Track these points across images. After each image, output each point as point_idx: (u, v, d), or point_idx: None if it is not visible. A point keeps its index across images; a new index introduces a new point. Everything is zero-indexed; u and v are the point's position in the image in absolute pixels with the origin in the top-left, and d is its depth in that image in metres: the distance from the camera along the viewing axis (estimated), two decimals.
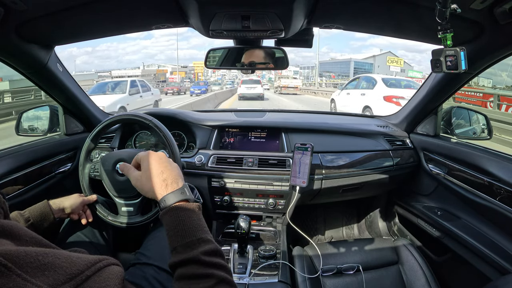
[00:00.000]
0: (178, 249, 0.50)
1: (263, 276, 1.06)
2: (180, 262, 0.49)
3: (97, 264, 0.33)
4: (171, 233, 0.52)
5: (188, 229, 0.51)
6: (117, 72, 43.99)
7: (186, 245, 0.50)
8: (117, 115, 1.06)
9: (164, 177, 0.58)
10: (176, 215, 0.53)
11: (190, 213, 0.53)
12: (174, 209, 0.54)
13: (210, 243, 0.51)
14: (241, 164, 1.32)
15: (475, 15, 0.74)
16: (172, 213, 0.53)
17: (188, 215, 0.53)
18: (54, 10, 0.77)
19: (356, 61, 52.43)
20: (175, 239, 0.51)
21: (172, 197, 0.55)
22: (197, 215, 0.54)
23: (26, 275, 0.27)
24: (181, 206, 0.54)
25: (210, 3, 0.73)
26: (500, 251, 0.98)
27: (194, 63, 55.04)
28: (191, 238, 0.50)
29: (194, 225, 0.52)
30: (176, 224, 0.52)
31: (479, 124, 1.34)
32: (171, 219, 0.53)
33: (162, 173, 0.58)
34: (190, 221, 0.52)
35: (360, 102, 6.49)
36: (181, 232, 0.51)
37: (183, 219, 0.52)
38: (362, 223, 1.88)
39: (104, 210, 0.97)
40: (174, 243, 0.51)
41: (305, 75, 58.43)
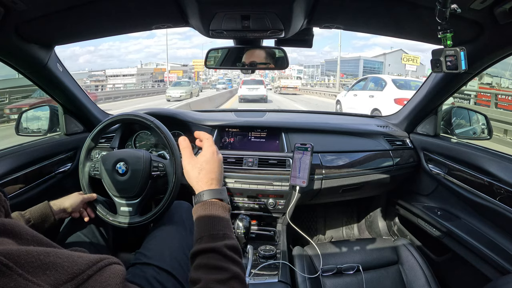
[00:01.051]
0: (205, 238, 0.54)
1: (263, 276, 1.06)
2: (203, 250, 0.52)
3: (98, 263, 0.33)
4: (201, 223, 0.57)
5: (217, 223, 0.56)
6: (112, 71, 42.44)
7: (212, 236, 0.54)
8: (117, 115, 1.06)
9: (212, 176, 0.63)
10: (210, 208, 0.58)
11: (222, 211, 0.59)
12: (210, 203, 0.59)
13: (233, 240, 0.55)
14: (241, 164, 1.32)
15: (475, 15, 0.74)
16: (207, 206, 0.58)
17: (220, 212, 0.58)
18: (54, 10, 0.77)
19: (366, 59, 49.66)
20: (203, 229, 0.55)
21: (212, 193, 0.60)
22: (227, 214, 0.59)
23: (27, 275, 0.27)
24: (216, 202, 0.59)
25: (210, 3, 0.73)
26: (500, 251, 0.98)
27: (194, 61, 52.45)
28: (218, 232, 0.55)
29: (223, 221, 0.57)
30: (208, 216, 0.57)
31: (479, 124, 1.34)
32: (205, 211, 0.58)
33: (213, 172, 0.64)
34: (221, 217, 0.57)
35: (368, 104, 6.16)
36: (211, 224, 0.56)
37: (215, 213, 0.57)
38: (362, 223, 1.88)
39: (103, 209, 0.97)
40: (201, 232, 0.55)
41: (310, 74, 56.81)
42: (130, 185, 0.94)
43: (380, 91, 6.04)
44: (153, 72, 45.46)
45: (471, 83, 9.01)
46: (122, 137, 1.40)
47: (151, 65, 55.25)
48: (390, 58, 45.30)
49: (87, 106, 1.37)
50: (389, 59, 45.38)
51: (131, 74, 41.16)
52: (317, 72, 57.45)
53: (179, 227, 0.95)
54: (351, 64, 51.51)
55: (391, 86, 5.88)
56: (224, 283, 0.47)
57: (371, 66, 47.97)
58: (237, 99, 14.73)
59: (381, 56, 48.55)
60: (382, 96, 5.91)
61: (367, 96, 6.45)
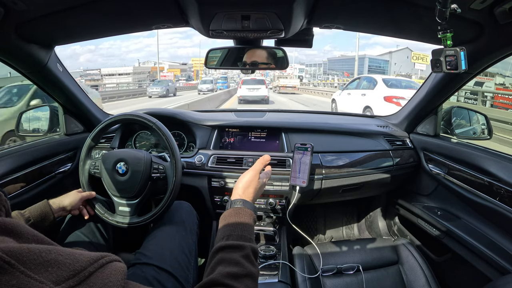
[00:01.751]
0: (233, 236, 0.58)
1: (263, 276, 1.06)
2: (231, 246, 0.55)
3: (99, 261, 0.33)
4: (232, 224, 0.61)
5: (247, 229, 0.61)
6: (107, 70, 41.10)
7: (241, 237, 0.58)
8: (118, 115, 1.06)
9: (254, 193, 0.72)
10: (244, 214, 0.63)
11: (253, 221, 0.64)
12: (244, 210, 0.64)
13: (256, 245, 0.60)
14: (241, 164, 1.32)
15: (475, 15, 0.74)
16: (241, 211, 0.64)
17: (251, 221, 0.64)
18: (54, 10, 0.77)
19: (371, 58, 47.47)
20: (233, 229, 0.60)
21: (247, 203, 0.67)
22: (252, 224, 0.64)
23: (29, 272, 0.27)
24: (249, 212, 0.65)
25: (210, 3, 0.73)
26: (500, 251, 0.98)
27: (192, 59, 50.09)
28: (247, 235, 0.59)
29: (251, 228, 0.62)
30: (239, 221, 0.62)
31: (479, 124, 1.34)
32: (239, 216, 0.63)
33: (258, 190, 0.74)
34: (249, 225, 0.62)
35: (361, 102, 6.57)
36: (241, 227, 0.60)
37: (245, 220, 0.62)
38: (362, 223, 1.88)
39: (101, 207, 0.97)
40: (231, 231, 0.59)
41: (312, 73, 55.71)
42: (130, 185, 0.94)
43: (372, 90, 6.44)
44: (150, 71, 43.64)
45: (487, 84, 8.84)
46: (122, 137, 1.40)
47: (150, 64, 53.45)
48: (396, 57, 43.72)
49: (87, 106, 1.37)
50: (395, 57, 43.85)
51: (127, 73, 39.66)
52: (319, 71, 56.10)
53: (179, 227, 0.95)
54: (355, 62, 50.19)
55: (382, 85, 6.27)
56: (238, 278, 0.49)
57: (377, 65, 46.22)
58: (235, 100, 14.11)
59: (386, 54, 46.61)
60: (373, 94, 6.27)
61: (359, 94, 6.82)
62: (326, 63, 56.77)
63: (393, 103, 5.63)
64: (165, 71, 39.82)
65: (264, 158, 0.77)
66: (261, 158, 0.77)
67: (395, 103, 5.59)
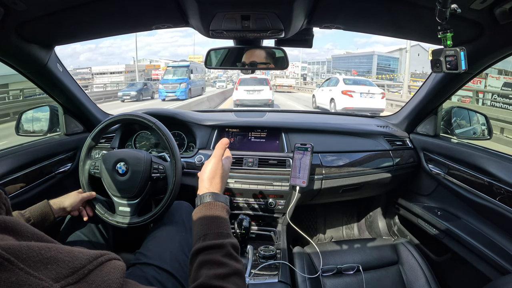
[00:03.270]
0: (209, 236, 0.55)
1: (263, 276, 1.06)
2: (209, 246, 0.53)
3: (99, 259, 0.33)
4: (204, 222, 0.58)
5: (222, 224, 0.59)
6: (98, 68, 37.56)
7: (217, 234, 0.56)
8: (118, 115, 1.06)
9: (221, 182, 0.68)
10: (216, 209, 0.61)
11: (226, 213, 0.62)
12: (215, 204, 0.61)
13: (235, 240, 0.58)
14: (241, 164, 1.32)
15: (475, 15, 0.74)
16: (213, 206, 0.61)
17: (225, 214, 0.61)
18: (54, 10, 0.77)
19: (380, 55, 42.48)
20: (208, 227, 0.57)
21: (217, 196, 0.64)
22: (226, 216, 0.62)
23: (29, 269, 0.27)
24: (221, 204, 0.62)
25: (210, 3, 0.73)
26: (500, 251, 0.98)
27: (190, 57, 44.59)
28: (223, 231, 0.57)
29: (226, 222, 0.60)
30: (213, 216, 0.59)
31: (479, 124, 1.34)
32: (211, 211, 0.60)
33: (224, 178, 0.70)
34: (224, 219, 0.60)
35: (329, 95, 9.15)
36: (216, 224, 0.58)
37: (219, 214, 0.60)
38: (362, 223, 1.88)
39: (101, 208, 0.97)
40: (206, 230, 0.57)
41: (315, 71, 54.13)
42: (130, 185, 0.94)
43: (335, 87, 8.92)
44: (145, 69, 39.92)
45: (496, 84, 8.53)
46: (122, 137, 1.40)
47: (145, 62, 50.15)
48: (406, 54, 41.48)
49: (87, 106, 1.37)
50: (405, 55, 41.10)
51: (119, 71, 35.99)
52: (323, 69, 54.10)
53: (179, 227, 0.95)
54: (363, 60, 44.87)
55: (341, 83, 8.80)
56: (226, 278, 0.48)
57: (386, 62, 41.91)
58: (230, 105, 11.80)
59: (396, 51, 41.41)
60: (336, 90, 8.78)
61: (328, 90, 9.34)
62: (330, 61, 53.80)
63: (347, 95, 8.33)
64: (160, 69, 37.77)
65: (223, 142, 0.72)
66: (219, 142, 0.72)
67: (348, 95, 8.33)
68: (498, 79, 8.66)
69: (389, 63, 42.42)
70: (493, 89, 8.32)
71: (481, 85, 8.80)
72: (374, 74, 37.18)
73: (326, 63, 55.01)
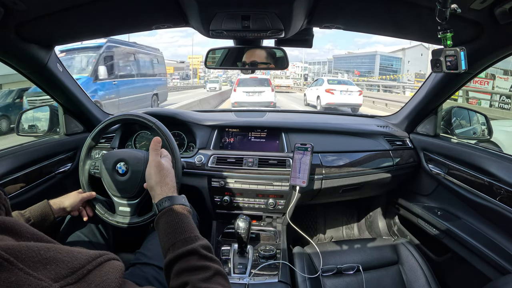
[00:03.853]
0: (178, 244, 0.54)
1: (263, 276, 1.06)
2: (181, 255, 0.52)
3: (98, 259, 0.33)
4: (169, 231, 0.57)
5: (186, 227, 0.57)
6: None
7: (185, 240, 0.55)
8: (118, 115, 1.06)
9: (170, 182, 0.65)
10: (177, 214, 0.59)
11: (188, 214, 0.60)
12: (175, 209, 0.59)
13: (204, 240, 0.57)
14: (241, 164, 1.32)
15: (475, 15, 0.74)
16: (173, 212, 0.59)
17: (185, 216, 0.59)
18: (54, 10, 0.77)
19: (382, 55, 42.31)
20: (173, 236, 0.56)
21: (173, 199, 0.61)
22: (189, 217, 0.60)
23: (28, 269, 0.27)
24: (181, 207, 0.60)
25: (210, 3, 0.73)
26: (500, 251, 0.98)
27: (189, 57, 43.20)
28: (190, 234, 0.56)
29: (190, 224, 0.58)
30: (175, 222, 0.57)
31: (479, 124, 1.34)
32: (172, 217, 0.58)
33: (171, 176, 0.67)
34: (187, 221, 0.59)
35: (316, 94, 10.72)
36: (180, 229, 0.56)
37: (181, 218, 0.58)
38: (362, 223, 1.88)
39: (101, 208, 0.97)
40: (172, 239, 0.55)
41: (316, 72, 53.40)
42: (130, 185, 0.94)
43: (321, 86, 10.52)
44: None
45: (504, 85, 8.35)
46: (122, 137, 1.40)
47: None
48: (409, 54, 39.24)
49: (87, 106, 1.37)
50: (408, 54, 39.66)
51: None
52: (324, 70, 53.76)
53: None
54: (365, 60, 44.78)
55: (325, 83, 10.50)
56: (210, 280, 0.48)
57: (388, 62, 41.95)
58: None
59: (399, 51, 41.71)
60: (321, 88, 10.34)
61: (315, 89, 10.95)
62: (331, 61, 53.28)
63: (329, 93, 9.88)
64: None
65: (154, 142, 0.70)
66: (152, 143, 0.69)
67: (330, 93, 9.87)
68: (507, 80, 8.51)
69: (392, 63, 41.86)
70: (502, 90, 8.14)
71: (489, 86, 8.62)
72: (376, 75, 36.54)
73: (327, 63, 54.55)
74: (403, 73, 33.61)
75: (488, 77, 8.36)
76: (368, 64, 44.10)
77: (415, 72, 25.28)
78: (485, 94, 8.17)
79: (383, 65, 41.88)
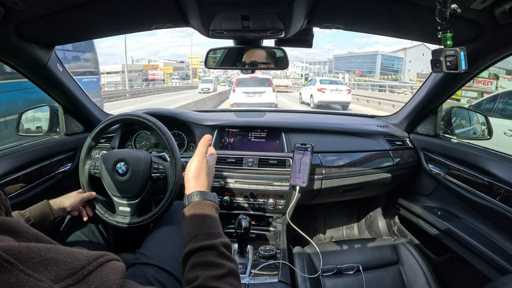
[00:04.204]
0: (200, 237, 0.55)
1: (263, 276, 1.06)
2: (201, 248, 0.53)
3: (98, 259, 0.33)
4: (194, 223, 0.58)
5: (211, 223, 0.58)
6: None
7: (207, 234, 0.55)
8: (118, 115, 1.06)
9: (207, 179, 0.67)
10: (205, 208, 0.60)
11: (215, 212, 0.61)
12: (204, 203, 0.61)
13: (227, 238, 0.57)
14: (241, 164, 1.32)
15: (475, 15, 0.74)
16: (201, 206, 0.60)
17: (214, 212, 0.61)
18: (54, 10, 0.77)
19: (384, 54, 42.19)
20: (197, 228, 0.57)
21: (204, 194, 0.63)
22: (216, 214, 0.62)
23: (28, 270, 0.27)
24: (209, 203, 0.61)
25: (210, 4, 0.73)
26: (500, 251, 0.98)
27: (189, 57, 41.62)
28: (213, 230, 0.56)
29: (217, 221, 0.60)
30: (202, 216, 0.59)
31: (479, 124, 1.34)
32: (200, 210, 0.59)
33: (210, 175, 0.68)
34: (214, 217, 0.60)
35: (309, 93, 11.92)
36: (206, 224, 0.57)
37: (209, 213, 0.59)
38: (362, 223, 1.88)
39: (101, 208, 0.97)
40: (195, 232, 0.56)
41: (316, 71, 53.44)
42: (130, 185, 0.94)
43: (314, 86, 11.72)
44: (143, 69, 37.95)
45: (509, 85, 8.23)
46: (122, 137, 1.40)
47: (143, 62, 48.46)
48: (411, 54, 38.89)
49: (87, 106, 1.37)
50: (410, 54, 39.04)
51: (115, 71, 33.94)
52: (325, 69, 53.60)
53: (179, 227, 0.94)
54: (366, 60, 44.69)
55: (318, 83, 11.71)
56: (221, 279, 0.48)
57: (390, 62, 41.84)
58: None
59: (400, 51, 41.55)
60: (314, 88, 11.55)
61: (309, 89, 12.10)
62: (332, 60, 53.08)
63: (321, 92, 11.04)
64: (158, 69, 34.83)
65: (205, 139, 0.70)
66: (202, 139, 0.70)
67: (322, 92, 11.03)
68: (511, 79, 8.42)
69: (393, 63, 41.52)
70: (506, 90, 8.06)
71: (492, 86, 8.53)
72: (377, 75, 36.11)
73: (327, 63, 54.29)
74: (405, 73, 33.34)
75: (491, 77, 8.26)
76: (369, 64, 43.81)
77: (417, 72, 25.13)
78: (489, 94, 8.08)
79: (384, 65, 41.61)
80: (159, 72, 34.05)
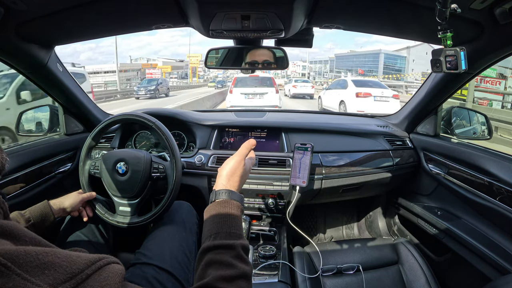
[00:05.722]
0: (221, 235, 0.54)
1: (263, 276, 1.06)
2: (219, 246, 0.52)
3: (97, 263, 0.33)
4: (217, 220, 0.57)
5: (234, 223, 0.57)
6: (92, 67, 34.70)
7: (229, 234, 0.54)
8: (118, 115, 1.06)
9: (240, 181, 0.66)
10: (230, 207, 0.59)
11: (240, 213, 0.60)
12: (230, 203, 0.60)
13: (246, 241, 0.56)
14: None
15: (475, 15, 0.74)
16: (227, 204, 0.59)
17: (238, 213, 0.60)
18: (54, 10, 0.77)
19: (386, 53, 41.10)
20: (220, 226, 0.55)
21: (233, 194, 0.62)
22: (240, 216, 0.61)
23: (26, 275, 0.27)
24: (235, 203, 0.60)
25: (210, 3, 0.73)
26: (500, 251, 0.98)
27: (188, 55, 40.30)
28: (235, 231, 0.56)
29: (239, 222, 0.59)
30: (226, 215, 0.58)
31: (479, 124, 1.34)
32: (225, 209, 0.58)
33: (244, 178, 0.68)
34: (237, 218, 0.59)
35: (338, 98, 8.59)
36: (229, 223, 0.56)
37: (234, 213, 0.58)
38: (362, 223, 1.88)
39: (102, 208, 0.97)
40: (217, 229, 0.55)
41: (317, 71, 53.15)
42: (130, 185, 0.94)
43: (344, 89, 8.36)
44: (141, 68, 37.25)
45: None
46: (122, 137, 1.40)
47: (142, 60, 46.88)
48: (414, 53, 38.07)
49: (87, 106, 1.37)
50: (413, 53, 38.22)
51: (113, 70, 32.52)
52: (326, 69, 52.86)
53: (179, 227, 0.95)
54: (369, 58, 43.55)
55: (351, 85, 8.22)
56: (232, 281, 0.47)
57: (393, 61, 40.87)
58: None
59: (403, 49, 40.41)
60: (345, 92, 8.24)
61: (336, 93, 8.84)
62: (333, 59, 51.97)
63: (361, 97, 7.69)
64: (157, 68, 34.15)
65: (250, 143, 0.70)
66: (247, 142, 0.70)
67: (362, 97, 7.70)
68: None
69: (396, 62, 40.65)
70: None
71: (501, 86, 8.35)
72: (380, 74, 35.55)
73: (329, 62, 53.88)
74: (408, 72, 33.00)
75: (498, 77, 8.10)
76: (372, 63, 42.99)
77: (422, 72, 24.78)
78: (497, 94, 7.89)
79: (386, 64, 40.75)
80: (157, 71, 33.09)
